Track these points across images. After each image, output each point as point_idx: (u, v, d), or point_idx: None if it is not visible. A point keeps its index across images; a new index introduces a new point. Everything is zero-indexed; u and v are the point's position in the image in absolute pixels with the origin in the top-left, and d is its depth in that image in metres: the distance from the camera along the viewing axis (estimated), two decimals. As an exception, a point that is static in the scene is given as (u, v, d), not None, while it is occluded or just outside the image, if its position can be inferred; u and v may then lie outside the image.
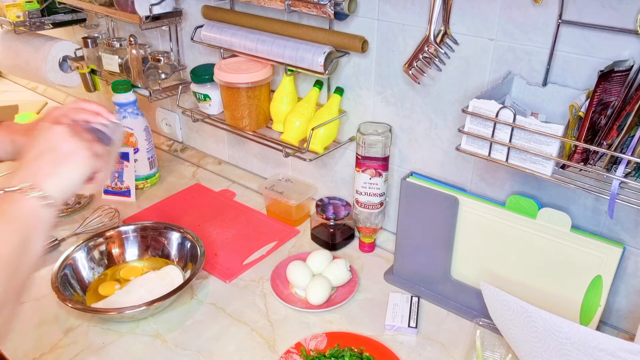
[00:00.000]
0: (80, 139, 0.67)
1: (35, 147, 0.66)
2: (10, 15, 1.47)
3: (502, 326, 0.82)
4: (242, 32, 1.13)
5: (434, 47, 0.89)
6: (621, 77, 0.72)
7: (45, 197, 0.62)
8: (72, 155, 0.65)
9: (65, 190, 0.65)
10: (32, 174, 0.63)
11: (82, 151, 0.66)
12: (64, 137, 0.66)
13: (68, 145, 0.66)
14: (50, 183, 0.63)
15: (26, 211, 0.61)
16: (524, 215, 0.88)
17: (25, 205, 0.61)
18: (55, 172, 0.64)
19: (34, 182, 0.62)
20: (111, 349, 0.91)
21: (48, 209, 0.62)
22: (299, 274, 1.02)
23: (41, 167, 0.64)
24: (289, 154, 1.11)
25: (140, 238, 1.11)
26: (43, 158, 0.64)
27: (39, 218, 0.61)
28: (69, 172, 0.65)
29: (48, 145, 0.65)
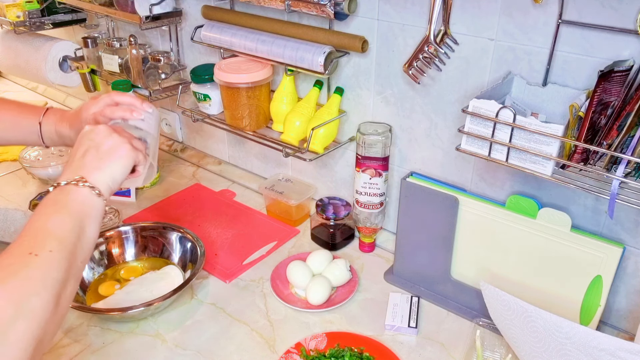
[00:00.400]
0: (121, 135, 0.74)
1: (81, 146, 0.72)
2: (10, 15, 1.47)
3: (502, 326, 0.82)
4: (242, 32, 1.13)
5: (434, 47, 0.89)
6: (621, 77, 0.72)
7: (94, 188, 0.68)
8: (114, 150, 0.72)
9: (112, 182, 0.71)
10: (80, 168, 0.69)
11: (124, 145, 0.73)
12: (105, 135, 0.73)
13: (110, 141, 0.72)
14: (97, 176, 0.69)
15: (79, 200, 0.66)
16: (524, 215, 0.88)
17: (77, 195, 0.67)
18: (101, 165, 0.70)
19: (83, 175, 0.68)
20: (111, 349, 0.91)
21: (98, 198, 0.68)
22: (299, 274, 1.02)
23: (88, 163, 0.70)
24: (289, 154, 1.11)
25: (140, 238, 1.11)
26: (88, 155, 0.71)
27: (91, 206, 0.67)
28: (113, 164, 0.71)
29: (92, 143, 0.72)
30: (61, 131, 0.90)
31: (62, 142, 0.92)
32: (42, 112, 0.91)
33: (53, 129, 0.90)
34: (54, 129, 0.90)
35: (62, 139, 0.91)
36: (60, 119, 0.90)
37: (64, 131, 0.90)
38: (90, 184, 0.67)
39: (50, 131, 0.91)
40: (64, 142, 0.92)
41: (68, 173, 0.69)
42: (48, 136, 0.91)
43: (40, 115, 0.91)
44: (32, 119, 0.91)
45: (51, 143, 0.93)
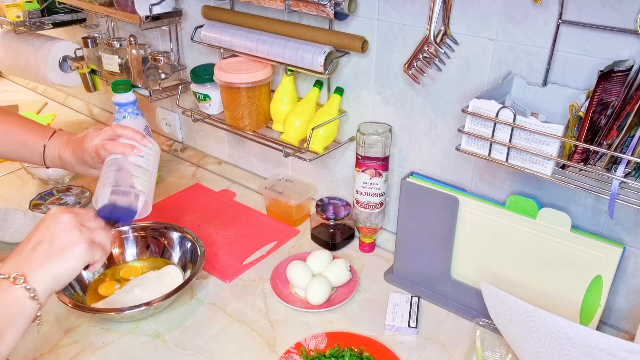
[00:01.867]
0: (81, 230, 0.68)
1: (37, 234, 0.66)
2: (10, 15, 1.47)
3: (502, 326, 0.82)
4: (242, 32, 1.13)
5: (434, 47, 0.89)
6: (621, 77, 0.72)
7: (32, 290, 0.62)
8: (67, 249, 0.66)
9: (53, 283, 0.65)
10: (26, 262, 0.64)
11: (79, 245, 0.66)
12: (65, 228, 0.67)
13: (67, 237, 0.66)
14: (40, 274, 0.63)
15: (8, 302, 0.61)
16: (524, 215, 0.88)
17: (8, 295, 0.61)
18: (47, 264, 0.64)
19: (24, 272, 0.62)
20: (111, 349, 0.91)
21: (32, 302, 0.62)
22: (299, 274, 1.02)
23: (35, 257, 0.64)
24: (289, 154, 1.11)
25: (140, 238, 1.11)
26: (40, 248, 0.65)
27: (18, 310, 0.61)
28: (61, 265, 0.65)
29: (48, 234, 0.66)
30: (63, 156, 0.91)
31: (63, 166, 0.93)
32: (49, 134, 0.92)
33: (56, 153, 0.91)
34: (57, 153, 0.91)
35: (63, 164, 0.92)
36: (65, 144, 0.91)
37: (66, 157, 0.90)
38: (29, 284, 0.62)
39: (53, 155, 0.91)
40: (64, 166, 0.93)
41: (13, 263, 0.64)
42: (50, 159, 0.92)
43: (47, 138, 0.92)
44: (38, 140, 0.92)
45: (52, 165, 0.93)
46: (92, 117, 1.80)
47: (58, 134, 0.93)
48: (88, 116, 1.81)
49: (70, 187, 1.35)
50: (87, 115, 1.82)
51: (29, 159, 0.94)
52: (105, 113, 1.78)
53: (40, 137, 0.92)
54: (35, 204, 1.28)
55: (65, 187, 1.35)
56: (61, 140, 0.92)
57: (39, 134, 0.92)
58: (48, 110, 1.85)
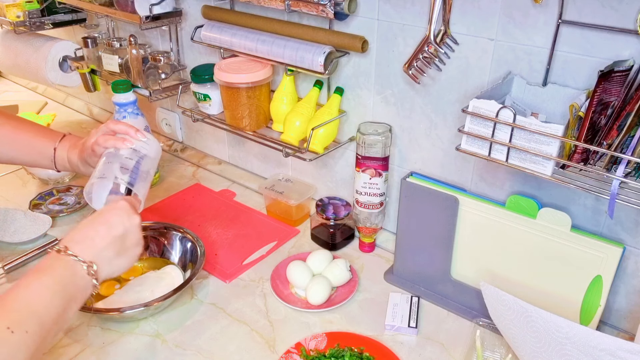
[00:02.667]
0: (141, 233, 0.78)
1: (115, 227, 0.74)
2: (10, 15, 1.47)
3: (502, 326, 0.82)
4: (242, 32, 1.13)
5: (434, 47, 0.89)
6: (621, 77, 0.72)
7: (97, 280, 0.70)
8: (133, 252, 0.76)
9: (111, 276, 0.74)
10: (99, 252, 0.71)
11: (139, 248, 0.77)
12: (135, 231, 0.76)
13: (134, 239, 0.76)
14: (107, 269, 0.72)
15: (80, 286, 0.69)
16: (524, 215, 0.88)
17: (81, 280, 0.69)
18: (115, 263, 0.73)
19: (97, 263, 0.70)
20: (111, 349, 0.91)
21: (93, 289, 0.71)
22: (299, 274, 1.02)
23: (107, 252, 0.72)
24: (289, 154, 1.11)
25: (140, 238, 1.11)
26: (114, 244, 0.73)
27: (84, 293, 0.70)
28: (123, 265, 0.75)
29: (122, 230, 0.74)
30: (71, 158, 0.92)
31: (72, 168, 0.95)
32: (59, 137, 0.94)
33: (65, 156, 0.93)
34: (66, 156, 0.93)
35: (72, 166, 0.94)
36: (73, 146, 0.93)
37: (73, 159, 0.92)
38: (97, 275, 0.70)
39: (62, 157, 0.93)
40: (73, 169, 0.94)
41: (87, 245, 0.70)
42: (60, 162, 0.94)
43: (57, 140, 0.93)
44: (48, 143, 0.93)
45: (63, 169, 0.95)
46: (92, 117, 1.80)
47: (67, 137, 0.95)
48: (88, 116, 1.81)
49: (70, 187, 1.35)
50: (87, 115, 1.82)
51: (40, 162, 0.95)
52: (105, 113, 1.78)
53: (50, 140, 0.93)
54: (35, 204, 1.28)
55: (65, 187, 1.35)
56: (70, 142, 0.93)
57: (49, 138, 0.94)
58: (48, 110, 1.85)
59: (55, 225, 1.22)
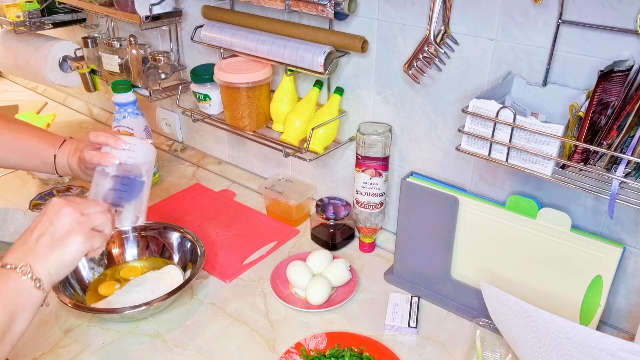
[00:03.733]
0: (80, 222, 0.71)
1: (40, 226, 0.70)
2: (10, 15, 1.47)
3: (502, 326, 0.82)
4: (242, 32, 1.13)
5: (434, 47, 0.89)
6: (621, 77, 0.72)
7: (38, 280, 0.66)
8: (67, 242, 0.69)
9: (55, 274, 0.69)
10: (30, 253, 0.67)
11: (78, 237, 0.70)
12: (64, 221, 0.70)
13: (66, 230, 0.70)
14: (43, 268, 0.67)
15: (17, 291, 0.65)
16: (524, 215, 0.88)
17: (17, 285, 0.65)
18: (50, 256, 0.68)
19: (29, 263, 0.66)
20: (111, 349, 0.91)
21: (38, 291, 0.66)
22: (299, 274, 1.02)
23: (39, 249, 0.68)
24: (289, 154, 1.11)
25: (140, 238, 1.11)
26: (43, 240, 0.69)
27: (28, 299, 0.65)
28: (61, 257, 0.69)
29: (50, 227, 0.69)
30: (72, 165, 0.92)
31: (72, 174, 0.94)
32: (59, 143, 0.93)
33: (66, 162, 0.92)
34: (66, 162, 0.92)
35: (73, 172, 0.93)
36: (73, 152, 0.92)
37: (73, 166, 0.91)
38: (34, 275, 0.66)
39: (63, 164, 0.92)
40: (74, 174, 0.94)
41: (18, 254, 0.67)
42: (61, 168, 0.93)
43: (57, 147, 0.92)
44: (48, 150, 0.92)
45: (64, 174, 0.94)
46: (92, 117, 1.80)
47: (67, 142, 0.93)
48: (88, 116, 1.81)
49: (70, 187, 1.35)
50: (87, 115, 1.82)
51: (41, 168, 0.94)
52: (105, 113, 1.78)
53: (50, 146, 0.92)
54: (35, 204, 1.28)
55: (65, 187, 1.35)
56: (70, 148, 0.92)
57: (50, 144, 0.93)
58: (48, 110, 1.85)
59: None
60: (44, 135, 0.94)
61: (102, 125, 1.74)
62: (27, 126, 0.96)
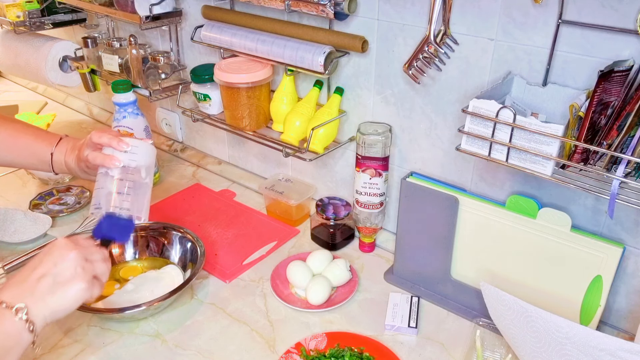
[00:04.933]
0: (84, 268, 0.70)
1: (43, 265, 0.68)
2: (10, 15, 1.47)
3: (502, 326, 0.82)
4: (242, 32, 1.13)
5: (434, 47, 0.89)
6: (621, 77, 0.72)
7: (31, 324, 0.64)
8: (69, 288, 0.68)
9: (50, 318, 0.67)
10: (28, 294, 0.66)
11: (80, 285, 0.69)
12: (69, 266, 0.69)
13: (70, 275, 0.68)
14: (40, 309, 0.65)
15: (7, 333, 0.63)
16: (524, 215, 0.88)
17: (9, 326, 0.63)
18: (49, 300, 0.66)
19: (27, 304, 0.64)
20: (111, 349, 0.91)
21: (29, 335, 0.64)
22: (299, 274, 1.02)
23: (38, 291, 0.66)
24: (289, 154, 1.11)
25: (139, 238, 1.11)
26: (44, 281, 0.67)
27: (16, 342, 0.63)
28: (61, 303, 0.67)
29: (53, 269, 0.68)
30: (69, 162, 0.92)
31: (70, 172, 0.94)
32: (56, 141, 0.93)
33: (63, 160, 0.92)
34: (63, 160, 0.92)
35: (70, 170, 0.93)
36: (71, 150, 0.92)
37: (71, 163, 0.92)
38: (29, 318, 0.64)
39: (60, 162, 0.93)
40: (71, 172, 0.94)
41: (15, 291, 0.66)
42: (58, 166, 0.93)
43: (54, 145, 0.93)
44: (45, 148, 0.93)
45: (61, 172, 0.95)
46: (92, 117, 1.80)
47: (64, 140, 0.94)
48: (88, 116, 1.81)
49: (70, 187, 1.35)
50: (87, 115, 1.82)
51: (38, 166, 0.95)
52: (105, 113, 1.78)
53: (47, 144, 0.93)
54: (35, 204, 1.28)
55: (65, 187, 1.35)
56: (67, 146, 0.93)
57: (47, 141, 0.93)
58: (48, 110, 1.85)
59: (55, 225, 1.22)
60: (40, 134, 0.95)
61: (102, 125, 1.74)
62: (23, 125, 0.97)
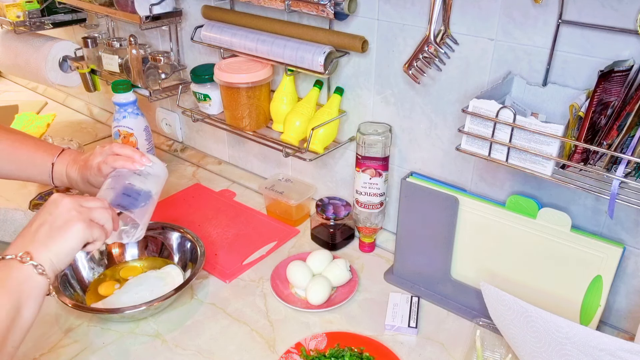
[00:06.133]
0: (80, 210, 0.71)
1: (39, 218, 0.71)
2: (10, 15, 1.47)
3: (502, 326, 0.82)
4: (242, 32, 1.13)
5: (434, 47, 0.89)
6: (621, 77, 0.72)
7: (38, 266, 0.66)
8: (66, 228, 0.70)
9: (57, 261, 0.69)
10: (30, 243, 0.68)
11: (77, 224, 0.70)
12: (63, 210, 0.71)
13: (66, 215, 0.70)
14: (43, 253, 0.67)
15: (20, 278, 0.65)
16: (524, 215, 0.88)
17: (19, 272, 0.65)
18: (49, 243, 0.68)
19: (30, 251, 0.67)
20: (111, 349, 0.91)
21: (41, 277, 0.66)
22: (299, 274, 1.02)
23: (38, 238, 0.68)
24: (289, 154, 1.11)
25: (140, 238, 1.11)
26: (41, 229, 0.69)
27: (32, 285, 0.65)
28: (61, 243, 0.69)
29: (48, 217, 0.70)
30: (70, 174, 0.92)
31: (70, 184, 0.94)
32: (58, 152, 0.93)
33: (64, 171, 0.92)
34: (64, 171, 0.92)
35: (70, 181, 0.93)
36: (73, 162, 0.92)
37: (72, 174, 0.92)
38: (35, 261, 0.66)
39: (61, 172, 0.92)
40: (71, 184, 0.94)
41: (18, 245, 0.68)
42: (58, 177, 0.93)
43: (55, 155, 0.93)
44: (46, 158, 0.93)
45: (60, 184, 0.94)
46: (92, 117, 1.80)
47: (66, 151, 0.94)
48: (88, 116, 1.81)
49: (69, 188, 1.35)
50: (87, 115, 1.82)
51: (37, 177, 0.94)
52: (105, 113, 1.78)
53: (48, 155, 0.93)
54: (35, 204, 1.28)
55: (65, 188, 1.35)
56: (69, 158, 0.93)
57: (47, 152, 0.93)
58: (48, 110, 1.85)
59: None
60: (41, 145, 0.95)
61: (102, 125, 1.74)
62: (24, 136, 0.97)
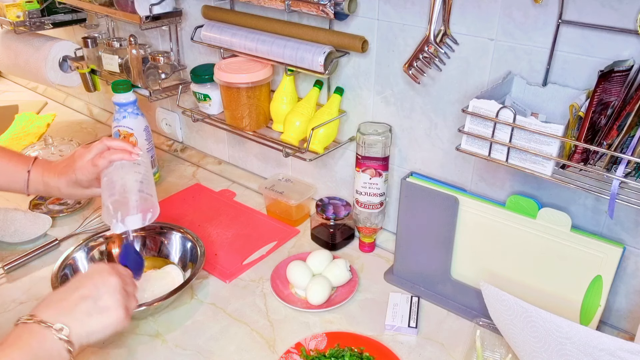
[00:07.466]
0: (123, 296, 0.72)
1: (84, 287, 0.70)
2: (10, 15, 1.47)
3: (502, 326, 0.82)
4: (242, 32, 1.13)
5: (434, 47, 0.89)
6: (621, 77, 0.72)
7: (70, 344, 0.65)
8: (109, 313, 0.70)
9: (87, 340, 0.68)
10: (68, 314, 0.67)
11: (119, 312, 0.71)
12: (110, 291, 0.71)
13: (110, 300, 0.71)
14: (79, 332, 0.67)
15: (50, 353, 0.64)
16: (524, 215, 0.88)
17: (52, 345, 0.64)
18: (88, 322, 0.68)
19: (67, 324, 0.66)
20: (111, 349, 0.91)
21: (67, 355, 0.65)
22: (299, 274, 1.02)
23: (79, 312, 0.68)
24: (289, 154, 1.11)
25: (140, 238, 1.11)
26: (84, 304, 0.69)
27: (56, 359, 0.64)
28: (98, 327, 0.69)
29: (94, 292, 0.70)
30: (48, 182, 0.92)
31: (47, 191, 0.94)
32: (31, 161, 0.94)
33: (40, 179, 0.92)
34: (41, 179, 0.92)
35: (48, 189, 0.93)
36: (48, 169, 0.92)
37: (51, 181, 0.92)
38: (69, 337, 0.65)
39: (37, 180, 0.92)
40: (49, 191, 0.94)
41: (55, 310, 0.67)
42: (33, 185, 0.93)
43: (29, 164, 0.93)
44: (20, 167, 0.93)
45: (35, 192, 0.94)
46: (92, 117, 1.80)
47: (39, 160, 0.94)
48: (88, 116, 1.81)
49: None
50: (87, 115, 1.82)
51: (11, 187, 0.94)
52: (105, 113, 1.78)
53: (22, 163, 0.93)
54: (35, 204, 1.28)
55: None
56: (43, 166, 0.93)
57: (21, 161, 0.93)
58: (48, 110, 1.85)
59: (55, 225, 1.22)
60: (14, 155, 0.95)
61: (102, 125, 1.74)
62: None
